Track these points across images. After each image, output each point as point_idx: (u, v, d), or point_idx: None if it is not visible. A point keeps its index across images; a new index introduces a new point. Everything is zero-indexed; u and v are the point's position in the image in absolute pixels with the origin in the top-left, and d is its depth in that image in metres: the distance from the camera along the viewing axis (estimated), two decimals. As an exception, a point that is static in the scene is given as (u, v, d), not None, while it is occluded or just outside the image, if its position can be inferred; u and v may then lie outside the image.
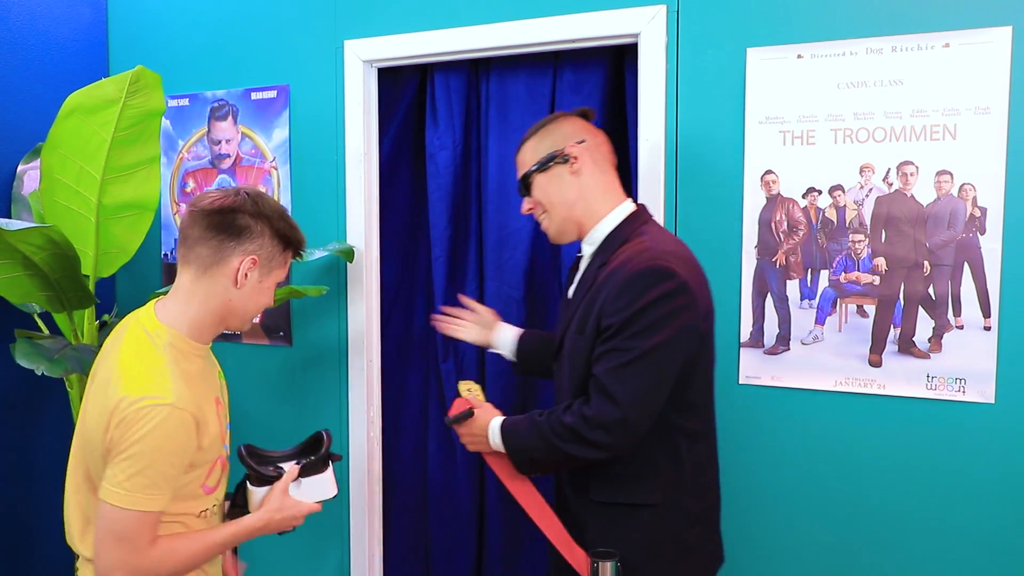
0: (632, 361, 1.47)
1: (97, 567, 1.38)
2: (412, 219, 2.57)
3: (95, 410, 1.40)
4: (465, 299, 2.12)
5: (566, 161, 1.65)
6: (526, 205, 1.74)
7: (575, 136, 1.67)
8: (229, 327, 1.52)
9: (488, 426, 1.65)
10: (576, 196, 1.66)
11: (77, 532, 1.49)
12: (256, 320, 2.52)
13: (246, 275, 1.45)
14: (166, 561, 1.40)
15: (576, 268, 1.77)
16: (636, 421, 1.49)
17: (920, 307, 1.83)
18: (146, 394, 1.34)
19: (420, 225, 2.56)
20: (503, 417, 1.66)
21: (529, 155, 1.70)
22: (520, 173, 1.72)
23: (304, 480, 1.59)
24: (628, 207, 1.68)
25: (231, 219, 1.43)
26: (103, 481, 1.36)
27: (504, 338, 2.02)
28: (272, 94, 2.45)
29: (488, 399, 1.78)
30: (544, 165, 1.66)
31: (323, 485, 1.62)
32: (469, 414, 1.68)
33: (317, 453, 1.62)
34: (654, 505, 1.58)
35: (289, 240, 1.51)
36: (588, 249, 1.68)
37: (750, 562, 1.99)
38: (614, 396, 1.47)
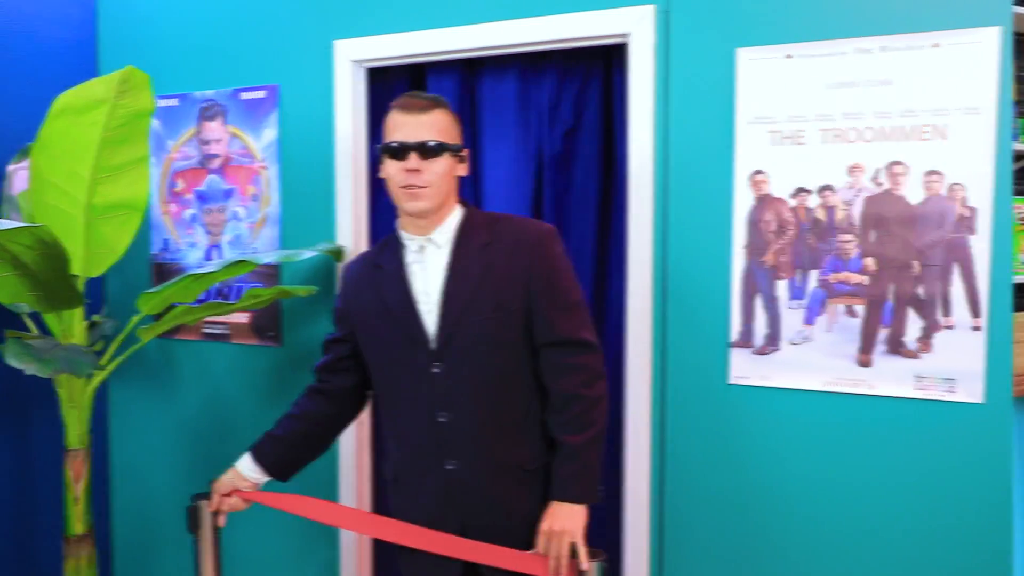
0: (581, 308, 1.72)
1: None
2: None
3: None
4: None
5: (463, 160, 1.74)
6: (416, 164, 1.63)
7: (459, 139, 1.74)
8: None
9: (580, 505, 1.66)
10: (450, 189, 1.72)
11: None
12: (245, 320, 2.52)
13: None
14: None
15: (392, 269, 1.75)
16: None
17: (909, 307, 1.82)
18: None
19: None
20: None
21: (448, 126, 1.68)
22: (435, 138, 1.64)
23: None
24: (460, 205, 1.79)
25: None
26: None
27: (243, 467, 1.84)
28: (261, 94, 2.45)
29: None
30: (457, 150, 1.70)
31: None
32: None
33: None
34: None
35: None
36: (442, 238, 1.72)
37: (741, 561, 1.99)
38: (589, 341, 1.70)
